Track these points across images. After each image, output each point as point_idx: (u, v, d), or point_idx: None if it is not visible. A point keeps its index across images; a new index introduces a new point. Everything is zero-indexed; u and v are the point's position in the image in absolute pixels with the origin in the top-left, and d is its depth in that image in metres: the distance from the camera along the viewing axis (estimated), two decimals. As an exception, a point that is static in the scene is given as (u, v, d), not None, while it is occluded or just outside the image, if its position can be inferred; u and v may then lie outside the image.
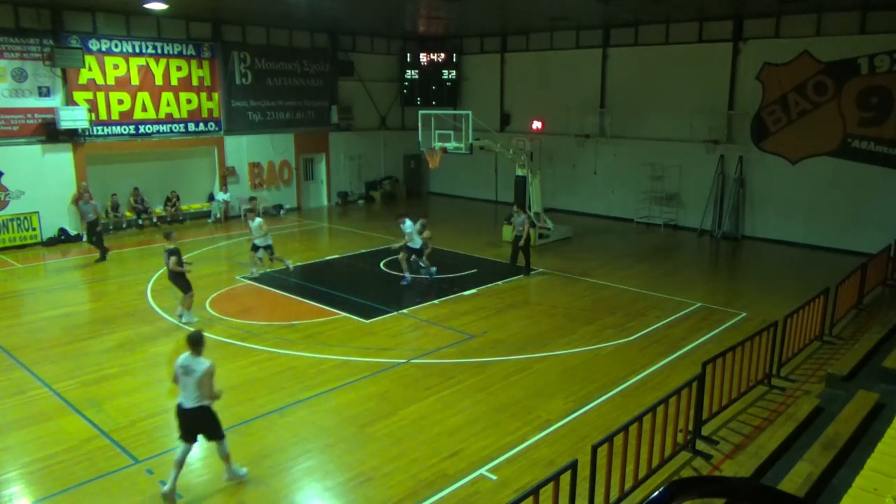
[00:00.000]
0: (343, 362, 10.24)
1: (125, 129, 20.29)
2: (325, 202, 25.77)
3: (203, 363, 6.72)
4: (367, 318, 12.26)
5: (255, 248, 15.00)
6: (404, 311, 12.69)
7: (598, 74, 22.38)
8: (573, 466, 5.34)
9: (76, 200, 18.25)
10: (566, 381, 9.53)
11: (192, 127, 21.77)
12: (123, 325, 12.02)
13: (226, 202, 22.34)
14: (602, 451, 5.87)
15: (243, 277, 15.02)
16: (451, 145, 17.87)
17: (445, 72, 26.13)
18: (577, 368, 10.01)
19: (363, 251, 17.75)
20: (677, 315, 12.47)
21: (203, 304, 13.02)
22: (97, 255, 16.86)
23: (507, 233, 18.79)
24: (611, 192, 22.63)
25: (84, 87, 19.30)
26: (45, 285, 15.08)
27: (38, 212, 18.55)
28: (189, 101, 21.59)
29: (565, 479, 5.31)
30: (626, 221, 21.87)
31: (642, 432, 6.38)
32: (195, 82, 21.64)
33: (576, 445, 7.64)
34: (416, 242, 14.54)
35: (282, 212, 23.78)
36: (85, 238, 17.96)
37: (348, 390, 9.28)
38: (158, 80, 20.76)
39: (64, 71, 18.78)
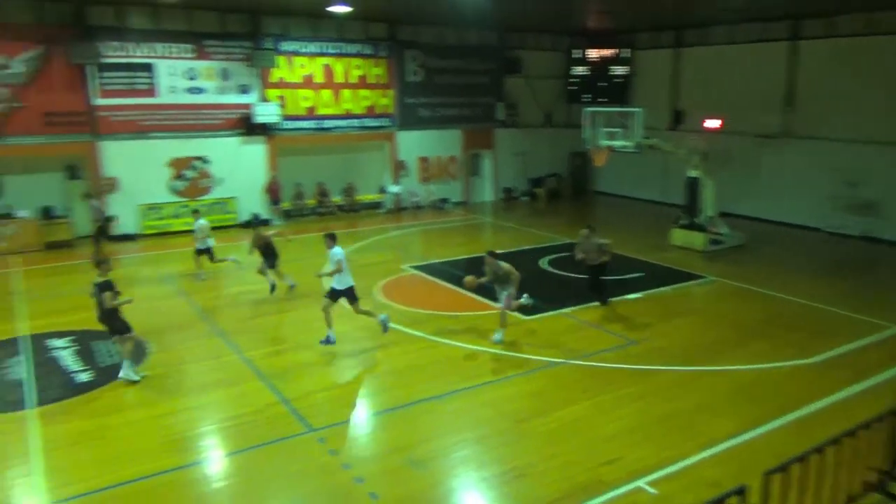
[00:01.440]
0: (500, 356, 10.41)
1: (309, 124, 22.01)
2: (489, 197, 26.18)
3: None
4: (527, 314, 12.33)
5: (199, 252, 14.95)
6: (565, 310, 12.60)
7: (783, 69, 20.61)
8: (741, 492, 5.03)
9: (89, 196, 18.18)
10: (734, 400, 8.96)
11: (368, 122, 23.10)
12: (302, 304, 13.09)
13: (397, 194, 23.51)
14: (775, 480, 5.48)
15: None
16: (618, 143, 17.40)
17: (614, 68, 25.43)
18: (747, 387, 9.38)
19: (525, 248, 17.84)
20: (870, 339, 11.21)
21: (371, 289, 13.82)
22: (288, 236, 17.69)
23: (677, 236, 17.97)
24: (795, 197, 20.78)
25: (275, 85, 21.19)
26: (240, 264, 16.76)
27: (236, 197, 20.76)
28: (366, 98, 22.92)
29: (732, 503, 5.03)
30: (812, 230, 19.98)
31: (825, 465, 5.86)
32: (372, 80, 22.91)
33: (743, 470, 7.16)
34: (346, 280, 10.65)
35: (447, 205, 24.51)
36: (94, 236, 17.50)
37: (505, 385, 9.42)
38: (339, 78, 22.26)
39: (260, 70, 20.74)
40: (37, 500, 6.75)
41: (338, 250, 10.57)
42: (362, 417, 8.71)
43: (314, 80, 21.86)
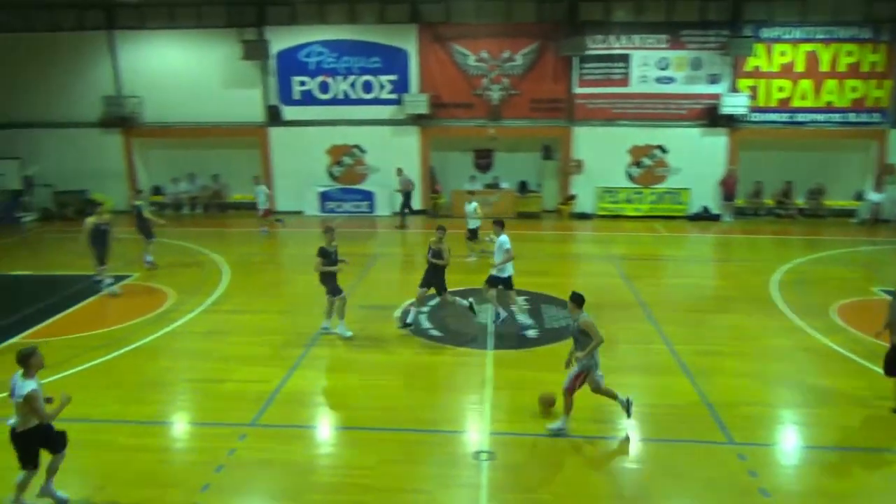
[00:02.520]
0: None
1: (780, 117, 20.28)
2: None
3: (24, 387, 5.96)
4: None
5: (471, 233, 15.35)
6: None
7: None
8: None
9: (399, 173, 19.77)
10: None
11: (852, 117, 20.11)
12: (742, 308, 12.36)
13: (878, 203, 19.98)
14: None
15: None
16: None
17: None
18: None
19: None
20: None
21: (827, 308, 12.20)
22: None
23: None
24: None
25: (749, 75, 20.10)
26: (681, 255, 16.75)
27: (689, 189, 20.61)
28: (854, 90, 19.94)
29: None
30: None
31: None
32: (865, 68, 19.78)
33: None
34: (508, 269, 10.87)
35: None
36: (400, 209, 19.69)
37: None
38: (824, 67, 19.85)
39: (734, 59, 19.87)
40: (482, 425, 8.11)
41: (504, 238, 10.83)
42: (792, 446, 7.89)
43: (794, 68, 19.96)
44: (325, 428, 8.33)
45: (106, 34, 21.12)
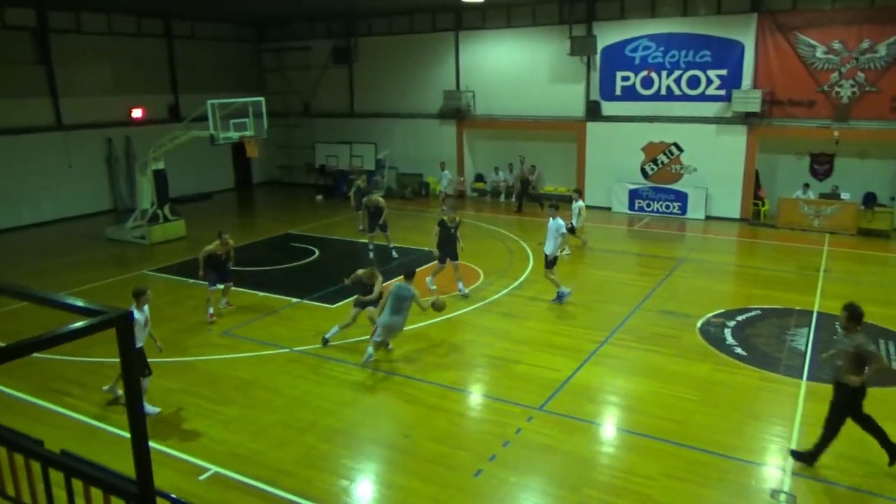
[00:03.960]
0: None
1: None
2: None
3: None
4: None
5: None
6: None
7: None
8: None
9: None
10: None
11: None
12: None
13: None
14: None
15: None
16: None
17: None
18: None
19: None
20: None
21: None
22: None
23: None
24: None
25: None
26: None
27: None
28: None
29: None
30: None
31: None
32: None
33: None
34: (550, 247, 12.49)
35: None
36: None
37: None
38: None
39: None
40: (785, 463, 7.27)
41: (560, 222, 12.28)
42: None
43: None
44: (609, 427, 8.32)
45: (453, 34, 23.53)
